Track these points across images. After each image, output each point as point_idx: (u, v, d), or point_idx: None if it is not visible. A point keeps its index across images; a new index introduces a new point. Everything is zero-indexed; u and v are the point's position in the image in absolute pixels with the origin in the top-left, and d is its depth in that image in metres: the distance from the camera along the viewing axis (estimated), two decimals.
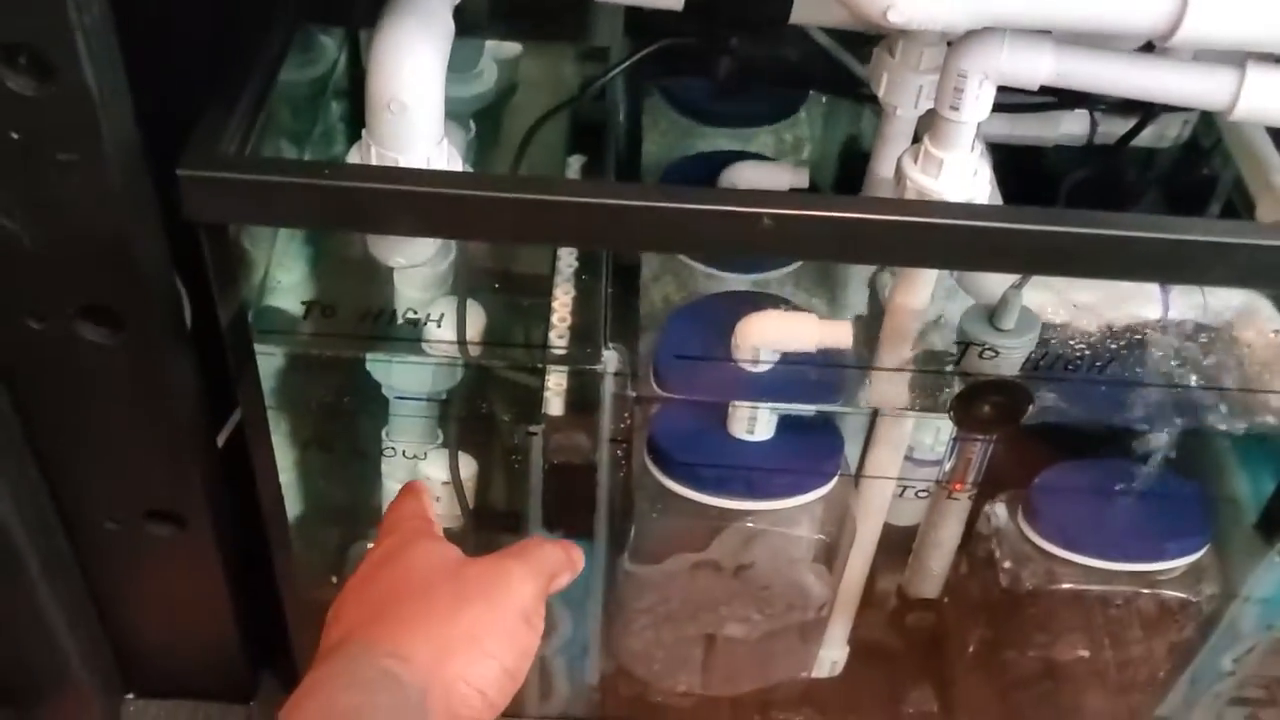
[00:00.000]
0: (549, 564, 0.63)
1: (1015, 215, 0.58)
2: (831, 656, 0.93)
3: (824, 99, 0.92)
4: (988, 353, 0.68)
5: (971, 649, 0.90)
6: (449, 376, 0.76)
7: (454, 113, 0.65)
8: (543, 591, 0.61)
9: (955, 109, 0.63)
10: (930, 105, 0.68)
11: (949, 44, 0.65)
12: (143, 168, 0.61)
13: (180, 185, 0.56)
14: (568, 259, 0.76)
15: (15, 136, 0.56)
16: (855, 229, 0.58)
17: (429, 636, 0.56)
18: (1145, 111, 0.81)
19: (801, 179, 0.81)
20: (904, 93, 0.70)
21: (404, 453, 0.79)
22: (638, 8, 0.73)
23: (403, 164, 0.62)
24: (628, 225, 0.57)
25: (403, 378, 0.76)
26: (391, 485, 0.84)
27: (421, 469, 0.81)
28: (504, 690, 0.57)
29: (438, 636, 0.56)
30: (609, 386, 0.71)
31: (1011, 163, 0.73)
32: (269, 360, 0.71)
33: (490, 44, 0.90)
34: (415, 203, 0.56)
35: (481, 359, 0.73)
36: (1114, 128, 0.83)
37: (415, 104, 0.62)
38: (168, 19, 0.69)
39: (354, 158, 0.64)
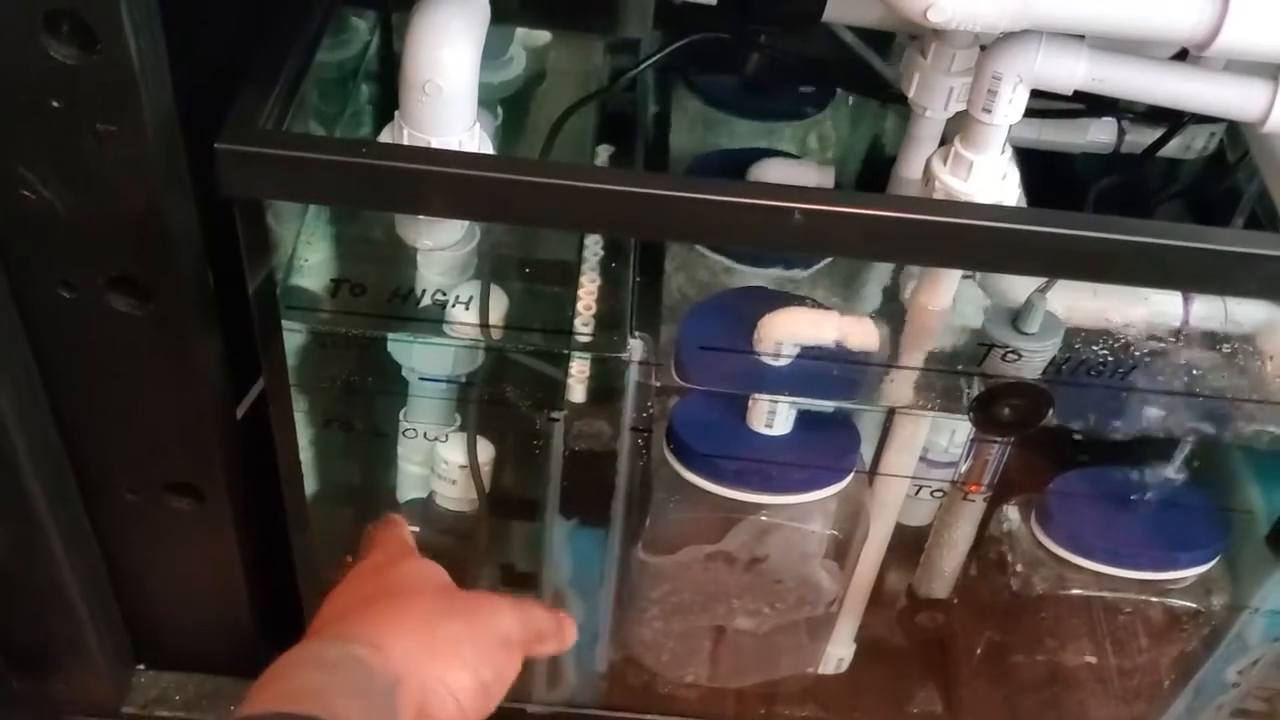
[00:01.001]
0: (538, 621, 0.66)
1: (1047, 219, 0.58)
2: (838, 653, 0.93)
3: (850, 99, 0.92)
4: (1010, 355, 0.69)
5: (979, 651, 0.90)
6: (470, 360, 0.76)
7: (482, 99, 0.65)
8: (526, 637, 0.64)
9: (988, 111, 0.63)
10: (960, 108, 0.69)
11: (981, 47, 0.66)
12: (179, 142, 0.61)
13: (217, 160, 0.57)
14: (593, 248, 0.76)
15: (56, 105, 0.57)
16: (886, 227, 0.58)
17: (410, 635, 0.58)
18: (1173, 122, 0.81)
19: (827, 178, 0.81)
20: (934, 94, 0.70)
21: (425, 434, 0.80)
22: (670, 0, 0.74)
23: (435, 146, 0.62)
24: (661, 215, 0.58)
25: (424, 359, 0.76)
26: (408, 467, 0.85)
27: (439, 451, 0.81)
28: (476, 703, 0.59)
29: (420, 637, 0.58)
30: (633, 375, 0.71)
31: (1036, 168, 0.73)
32: (291, 338, 0.71)
33: (520, 32, 0.90)
34: (453, 184, 0.57)
35: (506, 344, 0.73)
36: (1141, 137, 0.83)
37: (450, 87, 0.62)
38: None
39: (385, 139, 0.64)
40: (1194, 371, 0.71)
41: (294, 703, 0.50)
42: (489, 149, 0.65)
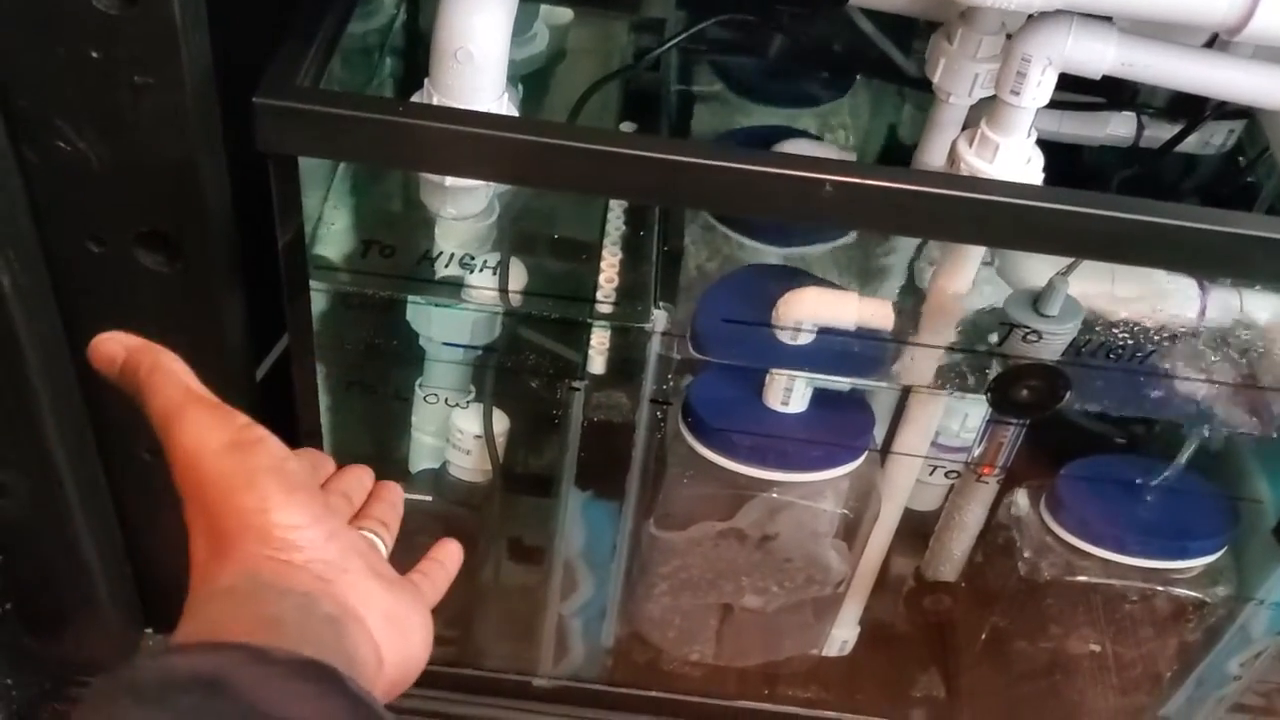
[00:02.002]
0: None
1: (1076, 198, 0.59)
2: (842, 636, 0.94)
3: (871, 84, 0.93)
4: (1030, 336, 0.69)
5: (983, 637, 0.91)
6: (488, 329, 0.77)
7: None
8: (225, 420, 0.50)
9: (1016, 94, 0.64)
10: (985, 94, 0.69)
11: (1008, 36, 0.66)
12: (215, 98, 0.62)
13: (255, 114, 0.57)
14: (615, 221, 0.77)
15: (95, 56, 0.57)
16: (916, 201, 0.59)
17: (219, 560, 0.46)
18: (1192, 116, 0.82)
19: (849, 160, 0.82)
20: (960, 80, 0.71)
21: (446, 400, 0.80)
22: None
23: None
24: (693, 182, 0.58)
25: (444, 327, 0.77)
26: (422, 437, 0.85)
27: (455, 421, 0.82)
28: (299, 502, 0.47)
29: (223, 554, 0.47)
30: (655, 346, 0.72)
31: (1055, 161, 0.74)
32: (314, 301, 0.71)
33: (543, 9, 0.90)
34: (488, 146, 0.57)
35: (529, 313, 0.73)
36: (1160, 132, 0.84)
37: (481, 55, 0.62)
38: None
39: None
40: (1213, 358, 0.71)
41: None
42: None
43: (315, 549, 0.46)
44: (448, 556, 0.58)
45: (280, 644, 0.42)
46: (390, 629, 0.48)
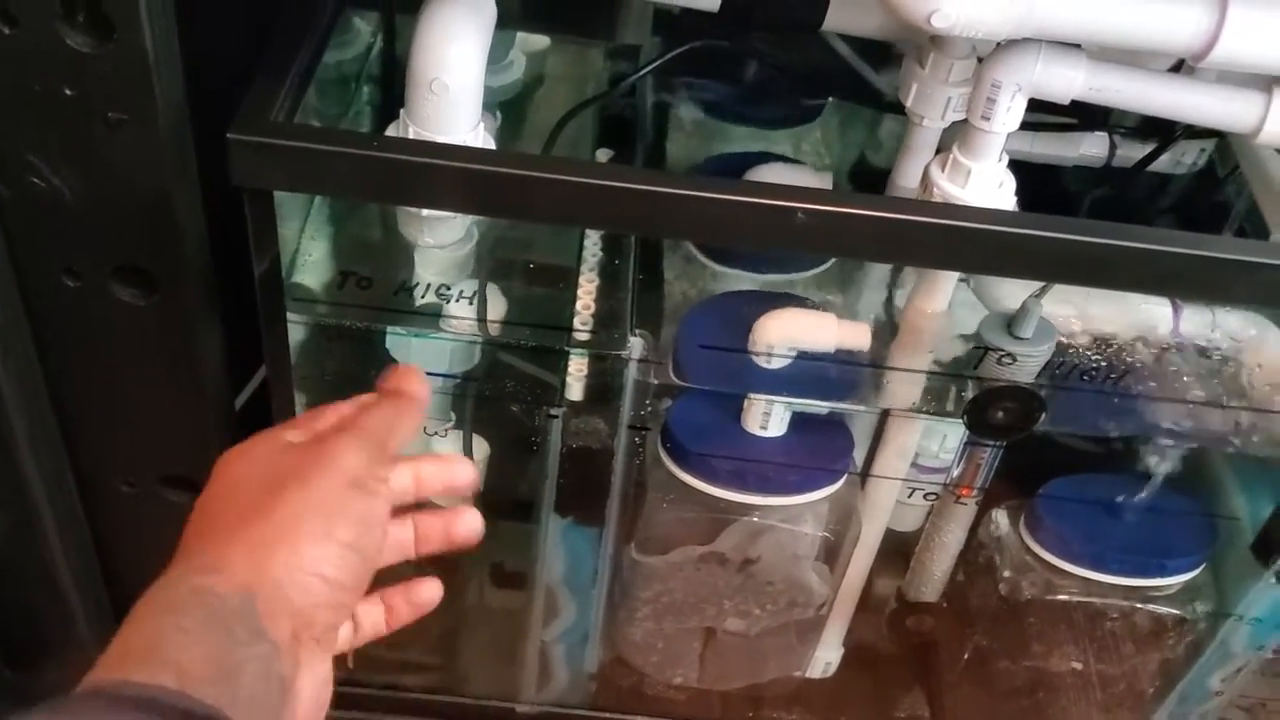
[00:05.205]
0: (377, 425, 0.56)
1: (1048, 224, 0.59)
2: (826, 657, 0.94)
3: (845, 107, 0.93)
4: (1005, 359, 0.70)
5: (966, 657, 0.91)
6: (467, 357, 0.77)
7: (483, 102, 0.66)
8: (377, 455, 0.54)
9: (986, 119, 0.64)
10: (957, 117, 0.70)
11: (979, 59, 0.67)
12: (189, 133, 0.62)
13: (229, 149, 0.57)
14: (592, 248, 0.77)
15: (69, 93, 0.57)
16: (889, 228, 0.59)
17: (244, 539, 0.50)
18: (1164, 136, 0.83)
19: (825, 185, 0.82)
20: (932, 104, 0.71)
21: (425, 429, 0.80)
22: (668, 8, 0.75)
23: None
24: (667, 212, 0.59)
25: (422, 356, 0.77)
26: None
27: (435, 447, 0.81)
28: (348, 565, 0.50)
29: (253, 536, 0.50)
30: (632, 373, 0.72)
31: (1028, 181, 0.74)
32: (292, 332, 0.71)
33: (519, 36, 0.91)
34: (463, 178, 0.57)
35: (506, 337, 0.74)
36: (1131, 152, 0.84)
37: (456, 85, 0.63)
38: None
39: None
40: (1185, 378, 0.72)
41: (136, 661, 0.46)
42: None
43: (315, 604, 0.49)
44: (417, 596, 0.60)
45: (225, 691, 0.44)
46: (313, 709, 0.51)
